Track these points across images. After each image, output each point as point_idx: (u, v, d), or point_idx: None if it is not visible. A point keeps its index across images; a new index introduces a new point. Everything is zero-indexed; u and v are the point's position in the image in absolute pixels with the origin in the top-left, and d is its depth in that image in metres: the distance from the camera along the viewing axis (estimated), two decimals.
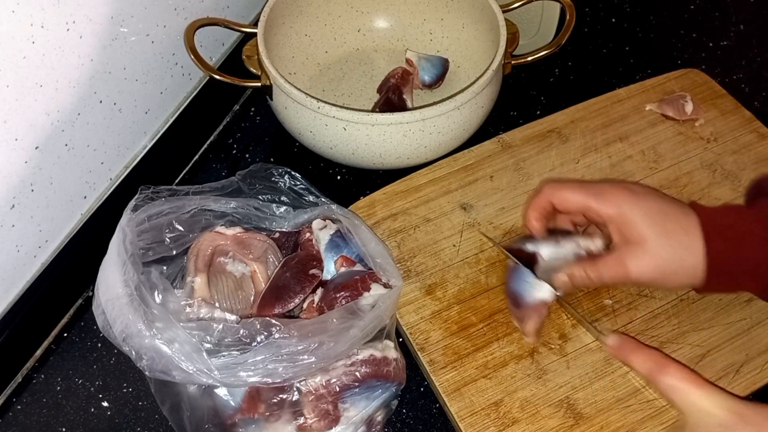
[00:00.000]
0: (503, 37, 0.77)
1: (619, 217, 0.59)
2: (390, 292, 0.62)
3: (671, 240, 0.58)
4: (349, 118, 0.71)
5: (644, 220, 0.58)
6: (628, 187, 0.61)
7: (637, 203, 0.59)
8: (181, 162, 0.82)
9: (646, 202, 0.60)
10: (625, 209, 0.59)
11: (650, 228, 0.58)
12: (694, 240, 0.58)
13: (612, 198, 0.60)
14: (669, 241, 0.58)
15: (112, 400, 0.66)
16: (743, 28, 0.95)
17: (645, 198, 0.60)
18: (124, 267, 0.58)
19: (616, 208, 0.60)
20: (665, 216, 0.59)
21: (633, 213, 0.59)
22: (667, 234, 0.58)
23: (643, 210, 0.59)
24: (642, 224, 0.58)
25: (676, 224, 0.58)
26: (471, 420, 0.61)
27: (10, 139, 0.61)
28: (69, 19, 0.62)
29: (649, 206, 0.59)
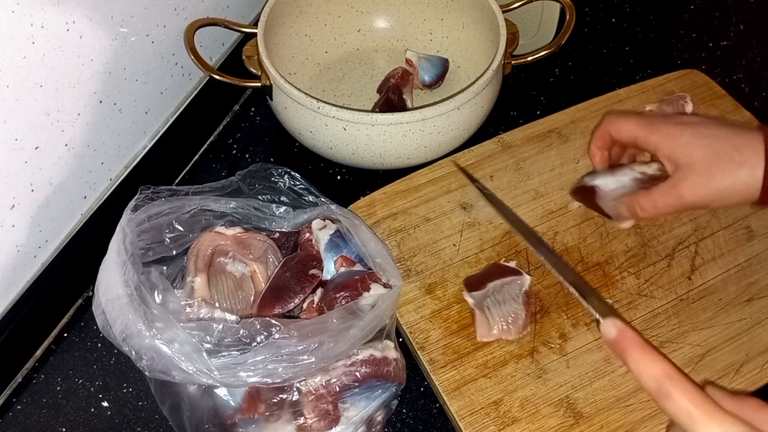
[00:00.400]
0: (503, 37, 0.77)
1: (667, 145, 0.60)
2: (390, 291, 0.62)
3: (722, 159, 0.58)
4: (349, 118, 0.71)
5: (691, 142, 0.59)
6: (681, 117, 0.62)
7: (684, 129, 0.60)
8: (181, 162, 0.82)
9: (695, 127, 0.60)
10: (673, 136, 0.60)
11: (698, 150, 0.58)
12: (748, 156, 0.57)
13: (661, 127, 0.61)
14: (719, 160, 0.58)
15: (112, 400, 0.66)
16: (743, 28, 0.95)
17: (694, 124, 0.60)
18: (124, 267, 0.58)
19: (663, 136, 0.60)
20: (715, 138, 0.59)
21: (681, 139, 0.59)
22: (717, 154, 0.58)
23: (690, 134, 0.59)
24: (690, 147, 0.59)
25: (726, 143, 0.58)
26: (471, 419, 0.61)
27: (10, 139, 0.61)
28: (69, 19, 0.62)
29: (698, 130, 0.60)
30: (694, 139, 0.59)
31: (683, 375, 0.46)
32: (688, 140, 0.59)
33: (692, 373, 0.62)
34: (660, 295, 0.67)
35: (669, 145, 0.60)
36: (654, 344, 0.63)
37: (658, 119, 0.63)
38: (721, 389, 0.48)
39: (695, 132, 0.60)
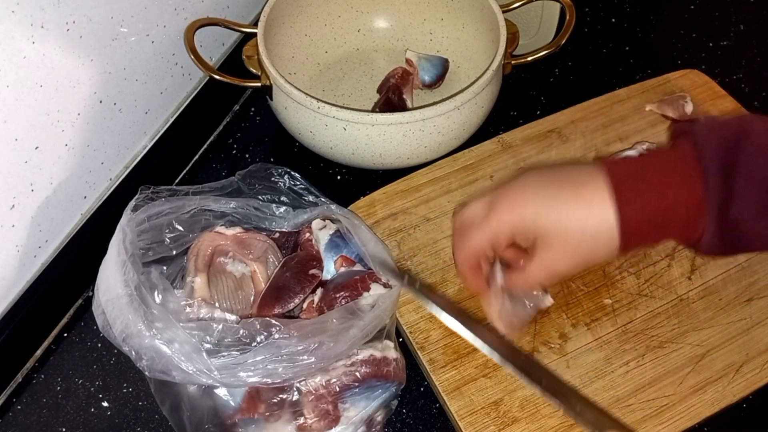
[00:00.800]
0: (503, 37, 0.77)
1: (515, 224, 0.54)
2: (390, 291, 0.62)
3: (574, 227, 0.52)
4: (349, 118, 0.71)
5: (540, 226, 0.53)
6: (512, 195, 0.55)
7: (525, 210, 0.54)
8: (181, 162, 0.82)
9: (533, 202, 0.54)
10: (516, 223, 0.54)
11: (547, 231, 0.53)
12: (603, 220, 0.51)
13: (500, 220, 0.54)
14: (572, 229, 0.52)
15: (112, 400, 0.66)
16: (743, 28, 0.95)
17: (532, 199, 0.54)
18: (124, 267, 0.58)
19: (508, 227, 0.54)
20: (557, 208, 0.53)
21: (525, 222, 0.54)
22: (568, 225, 0.52)
23: (532, 216, 0.53)
24: (540, 231, 0.53)
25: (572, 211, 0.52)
26: (471, 419, 0.61)
27: (10, 139, 0.61)
28: (69, 19, 0.62)
29: (537, 206, 0.53)
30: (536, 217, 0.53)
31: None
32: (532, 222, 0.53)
33: (692, 373, 0.62)
34: (660, 295, 0.67)
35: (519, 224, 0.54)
36: (654, 344, 0.64)
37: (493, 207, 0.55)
38: None
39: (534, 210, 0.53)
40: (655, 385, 0.62)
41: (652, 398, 0.61)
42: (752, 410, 0.63)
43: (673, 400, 0.61)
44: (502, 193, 0.55)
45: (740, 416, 0.63)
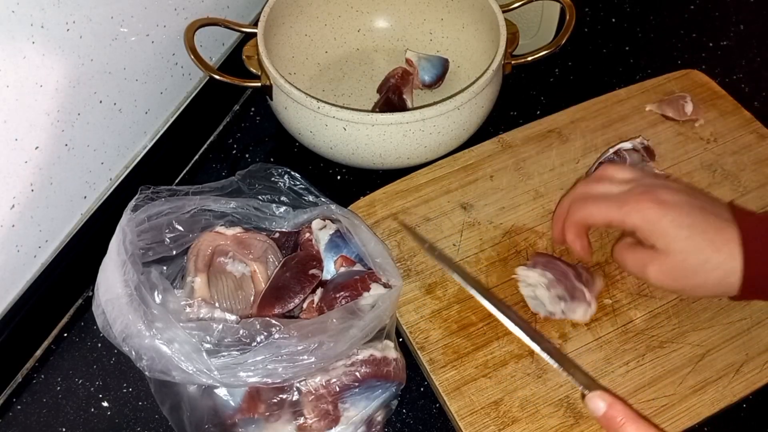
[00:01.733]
0: (503, 37, 0.77)
1: (645, 228, 0.58)
2: (390, 291, 0.62)
3: (699, 257, 0.56)
4: (349, 118, 0.71)
5: (670, 232, 0.56)
6: (655, 195, 0.58)
7: (663, 214, 0.57)
8: (181, 162, 0.82)
9: (673, 212, 0.57)
10: (650, 221, 0.57)
11: (676, 242, 0.56)
12: (727, 259, 0.55)
13: (635, 209, 0.58)
14: (696, 258, 0.56)
15: (112, 400, 0.66)
16: (743, 28, 0.95)
17: (672, 209, 0.57)
18: (124, 267, 0.58)
19: (640, 219, 0.58)
20: (694, 230, 0.56)
21: (660, 225, 0.57)
22: (695, 251, 0.56)
23: (669, 222, 0.57)
24: (668, 236, 0.57)
25: (706, 240, 0.56)
26: (471, 419, 0.61)
27: (10, 139, 0.61)
28: (69, 19, 0.62)
29: (677, 219, 0.57)
30: (673, 228, 0.56)
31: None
32: (667, 229, 0.57)
33: (692, 373, 0.62)
34: (660, 295, 0.67)
35: (647, 230, 0.58)
36: (654, 344, 0.64)
37: (629, 197, 0.59)
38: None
39: (675, 221, 0.57)
40: (655, 385, 0.62)
41: (652, 398, 0.61)
42: (752, 410, 0.63)
43: (673, 400, 0.61)
44: (650, 187, 0.59)
45: (740, 416, 0.63)
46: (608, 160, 0.72)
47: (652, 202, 0.58)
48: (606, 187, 0.62)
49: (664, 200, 0.58)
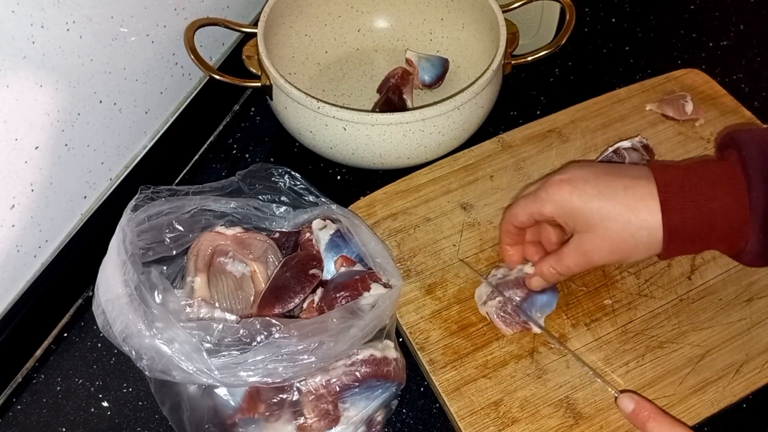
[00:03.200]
0: (503, 37, 0.77)
1: (561, 213, 0.59)
2: (390, 291, 0.62)
3: (618, 220, 0.56)
4: (349, 118, 0.71)
5: (584, 208, 0.57)
6: (565, 177, 0.59)
7: (570, 192, 0.58)
8: (181, 162, 0.82)
9: (579, 186, 0.58)
10: (563, 203, 0.58)
11: (591, 213, 0.57)
12: (646, 215, 0.55)
13: (548, 195, 0.59)
14: (616, 222, 0.56)
15: (112, 400, 0.66)
16: (743, 28, 0.95)
17: (576, 183, 0.58)
18: (124, 267, 0.58)
19: (553, 204, 0.59)
20: (606, 198, 0.56)
21: (572, 204, 0.58)
22: (612, 216, 0.56)
23: (580, 198, 0.57)
24: (584, 212, 0.57)
25: (620, 204, 0.56)
26: (471, 419, 0.61)
27: (10, 139, 0.61)
28: (69, 19, 0.62)
29: (582, 192, 0.57)
30: (583, 203, 0.57)
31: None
32: (579, 206, 0.57)
33: (692, 373, 0.62)
34: (660, 295, 0.67)
35: (563, 214, 0.59)
36: (654, 344, 0.64)
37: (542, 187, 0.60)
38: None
39: (582, 195, 0.57)
40: (655, 385, 0.62)
41: (652, 398, 0.61)
42: (752, 410, 0.63)
43: (673, 400, 0.61)
44: (555, 174, 0.60)
45: (740, 416, 0.63)
46: (607, 159, 0.72)
47: (558, 183, 0.59)
48: (529, 189, 0.64)
49: (567, 178, 0.59)
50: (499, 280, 0.66)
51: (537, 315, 0.65)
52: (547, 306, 0.65)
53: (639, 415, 0.56)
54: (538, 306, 0.65)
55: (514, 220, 0.63)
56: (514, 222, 0.63)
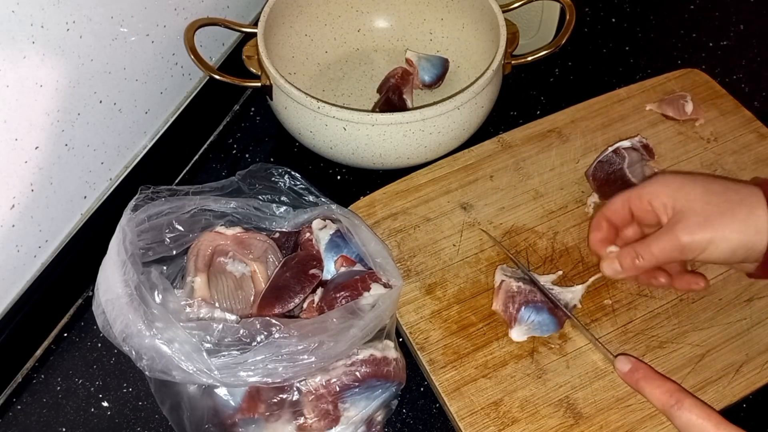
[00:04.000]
0: (503, 37, 0.77)
1: (662, 191, 0.59)
2: (390, 291, 0.62)
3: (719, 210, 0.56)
4: (349, 118, 0.71)
5: (688, 185, 0.58)
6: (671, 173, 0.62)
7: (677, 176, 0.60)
8: (181, 162, 0.82)
9: (688, 175, 0.60)
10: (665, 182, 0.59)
11: (695, 198, 0.57)
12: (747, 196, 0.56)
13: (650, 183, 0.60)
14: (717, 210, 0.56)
15: (112, 400, 0.66)
16: (743, 28, 0.95)
17: (690, 176, 0.60)
18: (124, 267, 0.58)
19: (655, 184, 0.60)
20: (711, 180, 0.58)
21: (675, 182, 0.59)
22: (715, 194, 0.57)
23: (684, 178, 0.59)
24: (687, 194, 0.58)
25: (722, 187, 0.57)
26: (471, 419, 0.61)
27: (10, 139, 0.61)
28: (69, 19, 0.62)
29: (692, 176, 0.59)
30: (688, 181, 0.58)
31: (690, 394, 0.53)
32: (683, 182, 0.59)
33: (692, 373, 0.62)
34: (660, 295, 0.67)
35: (665, 191, 0.59)
36: (654, 344, 0.64)
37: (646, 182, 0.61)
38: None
39: (688, 176, 0.59)
40: None
41: None
42: (752, 410, 0.63)
43: None
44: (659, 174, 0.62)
45: (740, 416, 0.63)
46: (607, 159, 0.72)
47: (664, 175, 0.61)
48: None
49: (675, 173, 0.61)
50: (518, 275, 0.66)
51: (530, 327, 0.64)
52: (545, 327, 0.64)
53: (633, 375, 0.57)
54: (537, 321, 0.64)
55: (608, 209, 0.63)
56: (606, 211, 0.63)
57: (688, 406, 0.52)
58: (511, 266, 0.68)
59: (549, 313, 0.64)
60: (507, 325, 0.65)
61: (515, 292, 0.64)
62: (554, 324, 0.64)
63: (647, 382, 0.55)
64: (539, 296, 0.63)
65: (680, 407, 0.52)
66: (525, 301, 0.64)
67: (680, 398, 0.53)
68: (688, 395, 0.53)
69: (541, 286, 0.64)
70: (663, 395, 0.54)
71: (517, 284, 0.64)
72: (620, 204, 0.62)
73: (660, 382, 0.55)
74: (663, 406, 0.54)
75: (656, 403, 0.54)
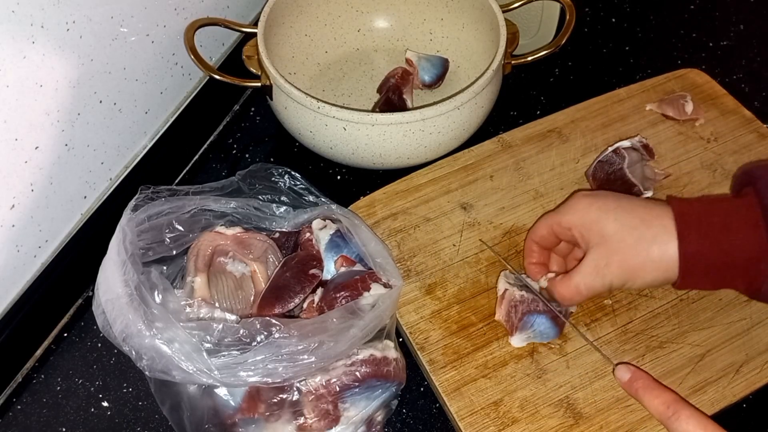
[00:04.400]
0: (503, 37, 0.77)
1: (579, 222, 0.60)
2: (390, 291, 0.62)
3: (633, 234, 0.57)
4: (349, 118, 0.71)
5: (602, 218, 0.58)
6: (589, 193, 0.62)
7: (593, 203, 0.60)
8: (181, 162, 0.82)
9: (604, 201, 0.60)
10: (582, 212, 0.60)
11: (608, 224, 0.58)
12: (660, 233, 0.56)
13: (570, 207, 0.61)
14: (631, 235, 0.57)
15: (112, 400, 0.66)
16: (743, 28, 0.95)
17: (603, 198, 0.60)
18: (124, 267, 0.58)
19: (573, 214, 0.60)
20: (625, 211, 0.58)
21: (591, 214, 0.59)
22: (628, 228, 0.57)
23: (599, 209, 0.59)
24: (600, 223, 0.58)
25: (637, 218, 0.57)
26: (471, 419, 0.61)
27: (10, 139, 0.61)
28: (69, 19, 0.62)
29: (607, 205, 0.59)
30: (602, 212, 0.59)
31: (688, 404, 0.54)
32: (598, 214, 0.59)
33: (692, 373, 0.62)
34: (660, 295, 0.67)
35: (580, 220, 0.60)
36: (654, 344, 0.64)
37: (567, 202, 0.62)
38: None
39: (603, 206, 0.59)
40: None
41: None
42: (752, 410, 0.63)
43: None
44: (578, 193, 0.62)
45: (740, 416, 0.63)
46: (607, 158, 0.72)
47: (579, 196, 0.62)
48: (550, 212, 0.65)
49: (590, 193, 0.62)
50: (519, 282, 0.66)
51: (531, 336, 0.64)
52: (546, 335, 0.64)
53: (633, 384, 0.57)
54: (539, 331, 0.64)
55: (534, 235, 0.64)
56: (534, 237, 0.64)
57: (686, 417, 0.53)
58: (516, 270, 0.67)
59: (551, 321, 0.63)
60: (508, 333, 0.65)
61: (518, 301, 0.64)
62: (555, 331, 0.64)
63: (646, 391, 0.56)
64: (542, 306, 0.63)
65: (678, 418, 0.53)
66: (528, 311, 0.63)
67: (678, 409, 0.53)
68: (686, 405, 0.53)
69: (534, 291, 0.64)
70: (661, 406, 0.54)
71: (520, 293, 0.64)
72: (545, 230, 0.63)
73: (658, 392, 0.55)
74: (661, 417, 0.54)
75: (654, 413, 0.55)
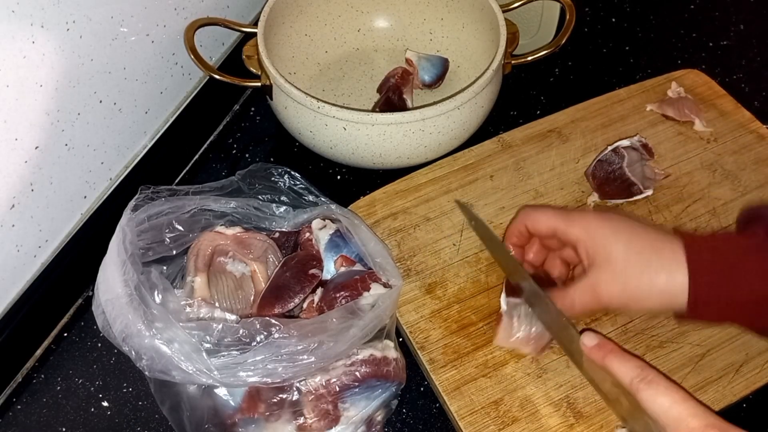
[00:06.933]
0: (503, 37, 0.77)
1: (586, 238, 0.58)
2: (390, 291, 0.62)
3: (641, 260, 0.56)
4: (349, 118, 0.71)
5: (610, 237, 0.57)
6: (600, 212, 0.60)
7: (604, 224, 0.58)
8: (181, 162, 0.82)
9: (615, 223, 0.58)
10: (592, 230, 0.58)
11: (617, 246, 0.56)
12: (669, 262, 0.55)
13: (580, 220, 0.59)
14: (637, 260, 0.56)
15: (112, 400, 0.66)
16: (743, 28, 0.95)
17: (615, 220, 0.59)
18: (124, 267, 0.58)
19: (582, 228, 0.58)
20: (633, 234, 0.57)
21: (600, 233, 0.58)
22: (635, 253, 0.56)
23: (610, 230, 0.57)
24: (609, 244, 0.57)
25: (647, 245, 0.56)
26: (471, 419, 0.61)
27: (10, 139, 0.61)
28: (69, 19, 0.62)
29: (617, 226, 0.58)
30: (612, 233, 0.57)
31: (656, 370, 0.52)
32: (607, 234, 0.57)
33: (692, 373, 0.62)
34: None
35: (588, 237, 0.58)
36: (654, 344, 0.64)
37: (576, 212, 0.61)
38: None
39: (614, 227, 0.57)
40: None
41: None
42: (752, 410, 0.63)
43: None
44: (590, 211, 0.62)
45: (740, 416, 0.63)
46: (606, 158, 0.72)
47: (595, 216, 0.59)
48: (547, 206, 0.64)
49: (606, 216, 0.59)
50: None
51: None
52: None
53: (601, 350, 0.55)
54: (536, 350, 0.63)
55: (533, 225, 0.62)
56: (532, 227, 0.62)
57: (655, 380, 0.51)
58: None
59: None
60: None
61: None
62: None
63: (615, 356, 0.54)
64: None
65: (649, 382, 0.51)
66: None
67: (647, 374, 0.52)
68: (655, 371, 0.52)
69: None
70: (631, 370, 0.53)
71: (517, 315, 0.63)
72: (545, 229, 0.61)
73: (628, 356, 0.54)
74: (631, 382, 0.53)
75: (623, 378, 0.53)
